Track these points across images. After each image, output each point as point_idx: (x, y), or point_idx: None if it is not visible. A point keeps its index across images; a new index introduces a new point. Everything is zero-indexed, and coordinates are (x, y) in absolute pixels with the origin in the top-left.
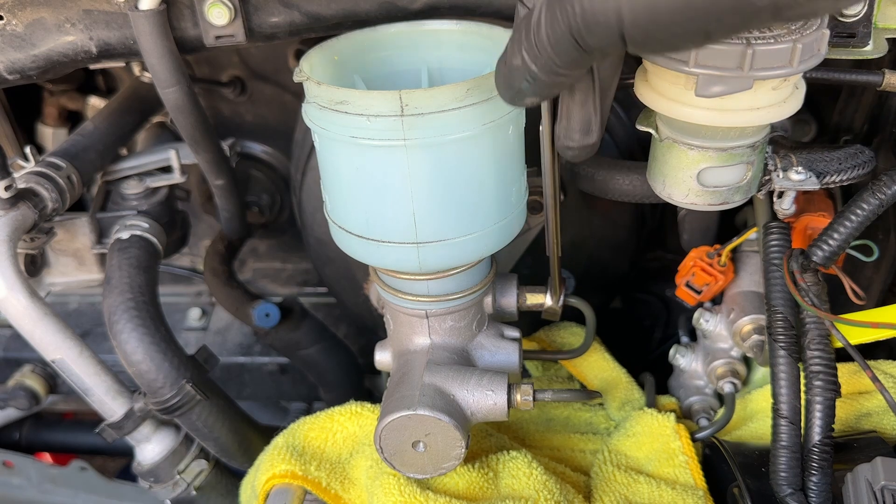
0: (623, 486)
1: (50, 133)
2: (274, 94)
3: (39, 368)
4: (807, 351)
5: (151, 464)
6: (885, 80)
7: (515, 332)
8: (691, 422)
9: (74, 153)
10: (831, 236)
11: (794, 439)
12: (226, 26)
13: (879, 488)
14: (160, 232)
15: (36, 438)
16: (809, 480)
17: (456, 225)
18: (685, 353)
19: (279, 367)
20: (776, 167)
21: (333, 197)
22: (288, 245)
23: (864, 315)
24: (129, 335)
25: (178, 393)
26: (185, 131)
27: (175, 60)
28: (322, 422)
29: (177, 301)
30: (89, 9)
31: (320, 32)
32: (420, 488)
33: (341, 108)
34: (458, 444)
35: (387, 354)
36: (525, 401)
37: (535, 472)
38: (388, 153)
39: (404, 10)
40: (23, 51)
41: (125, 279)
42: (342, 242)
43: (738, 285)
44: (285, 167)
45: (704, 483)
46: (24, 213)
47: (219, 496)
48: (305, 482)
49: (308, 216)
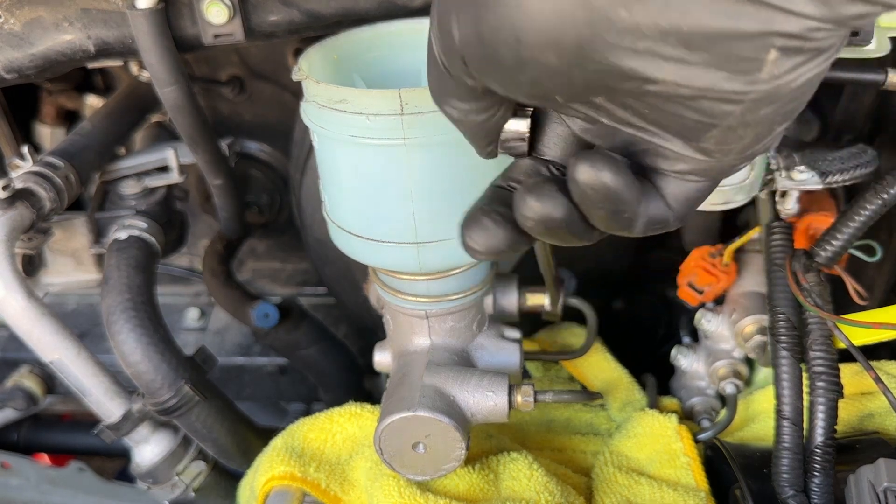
0: (624, 487)
1: (48, 132)
2: (273, 93)
3: (37, 369)
4: (809, 352)
5: (150, 465)
6: (887, 78)
7: (516, 332)
8: (693, 423)
9: (72, 153)
10: (834, 236)
11: (796, 440)
12: (224, 25)
13: (882, 490)
14: (158, 232)
15: (34, 439)
16: (812, 482)
17: (456, 225)
18: (687, 354)
19: (278, 367)
20: (779, 167)
21: (332, 197)
22: (287, 245)
23: (866, 315)
24: (128, 336)
25: (176, 394)
26: (183, 131)
27: (173, 59)
28: (321, 423)
29: (175, 301)
30: (87, 7)
31: (319, 31)
32: (420, 490)
33: (340, 107)
34: (459, 445)
35: (386, 355)
36: (526, 402)
37: (536, 473)
38: (387, 152)
39: (404, 7)
40: (20, 50)
41: (123, 279)
42: (341, 243)
43: (741, 285)
44: (285, 167)
45: (707, 484)
46: (22, 213)
47: (218, 497)
48: (304, 484)
49: (307, 216)
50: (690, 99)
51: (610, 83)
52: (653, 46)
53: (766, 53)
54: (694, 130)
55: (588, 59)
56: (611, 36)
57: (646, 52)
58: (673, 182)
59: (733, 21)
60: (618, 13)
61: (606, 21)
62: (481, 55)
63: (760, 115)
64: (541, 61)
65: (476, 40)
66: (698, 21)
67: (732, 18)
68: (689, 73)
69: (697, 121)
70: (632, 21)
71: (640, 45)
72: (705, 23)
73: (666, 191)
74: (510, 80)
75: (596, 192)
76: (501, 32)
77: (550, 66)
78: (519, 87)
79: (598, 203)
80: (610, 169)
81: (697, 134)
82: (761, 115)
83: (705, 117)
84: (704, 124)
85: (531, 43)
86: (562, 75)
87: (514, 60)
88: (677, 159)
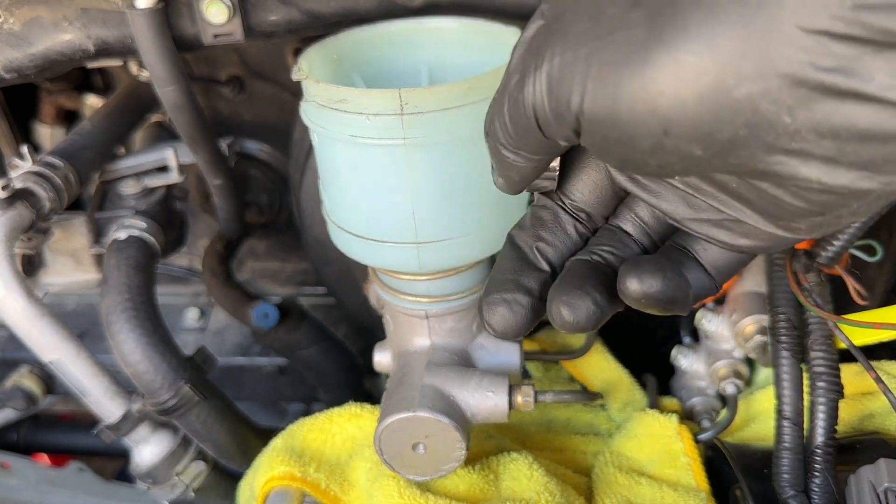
0: (625, 487)
1: (47, 132)
2: (273, 92)
3: (37, 369)
4: (810, 352)
5: (149, 465)
6: None
7: None
8: (693, 423)
9: (72, 153)
10: (835, 236)
11: (796, 441)
12: (224, 24)
13: (883, 490)
14: (158, 232)
15: (34, 439)
16: (812, 482)
17: (456, 225)
18: (687, 354)
19: (278, 367)
20: None
21: (332, 196)
22: (287, 245)
23: (867, 315)
24: (127, 336)
25: (176, 394)
26: (183, 130)
27: (173, 59)
28: (321, 423)
29: (175, 301)
30: (87, 7)
31: (319, 30)
32: (420, 490)
33: (340, 106)
34: (459, 445)
35: (386, 355)
36: (526, 402)
37: (536, 473)
38: (387, 152)
39: (404, 7)
40: (20, 49)
41: (123, 279)
42: (341, 242)
43: (741, 285)
44: (284, 167)
45: (707, 485)
46: (22, 213)
47: (217, 498)
48: (304, 484)
49: (307, 216)
50: (814, 192)
51: (746, 174)
52: (806, 148)
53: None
54: (792, 214)
55: (735, 154)
56: (769, 138)
57: (797, 152)
58: (716, 251)
59: (890, 123)
60: (782, 119)
61: (768, 125)
62: (606, 136)
63: (872, 206)
64: (684, 150)
65: (608, 121)
66: (856, 125)
67: (890, 121)
68: (832, 173)
69: (805, 209)
70: (794, 127)
71: (794, 146)
72: (864, 127)
73: (705, 258)
74: (633, 162)
75: (647, 300)
76: (647, 116)
77: (692, 157)
78: (639, 168)
79: (650, 307)
80: (658, 280)
81: (794, 217)
82: (871, 207)
83: (817, 206)
84: (810, 212)
85: (680, 135)
86: (700, 165)
87: (652, 147)
88: (744, 234)
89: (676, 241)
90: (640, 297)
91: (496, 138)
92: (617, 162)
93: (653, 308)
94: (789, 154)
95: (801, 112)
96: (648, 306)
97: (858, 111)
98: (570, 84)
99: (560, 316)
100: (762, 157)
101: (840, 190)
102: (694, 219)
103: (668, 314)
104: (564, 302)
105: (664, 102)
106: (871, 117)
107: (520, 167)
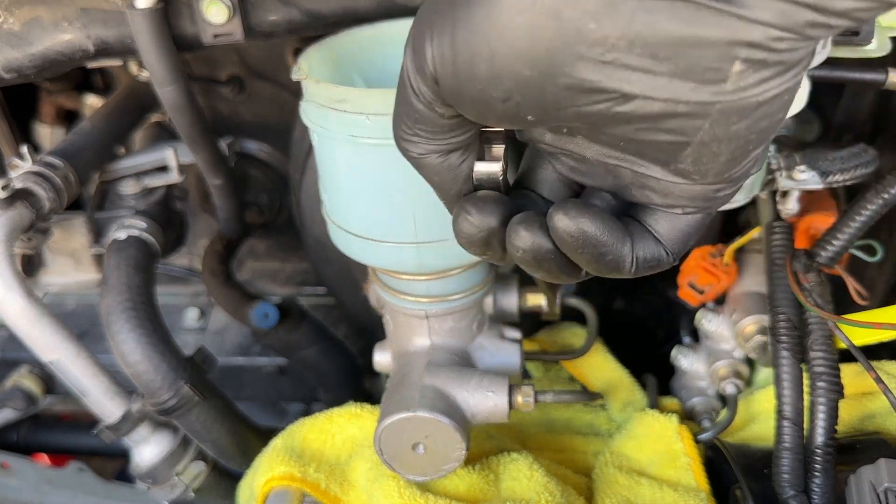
0: (625, 487)
1: (47, 132)
2: (273, 92)
3: (37, 369)
4: (810, 352)
5: (149, 465)
6: (888, 78)
7: (516, 332)
8: (694, 423)
9: (72, 153)
10: (835, 236)
11: (796, 441)
12: (224, 24)
13: (883, 490)
14: (158, 232)
15: (34, 440)
16: (812, 482)
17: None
18: (687, 354)
19: (278, 367)
20: (780, 166)
21: (332, 196)
22: (287, 245)
23: (867, 315)
24: (127, 336)
25: (175, 394)
26: (182, 130)
27: (173, 59)
28: (321, 423)
29: (175, 301)
30: (86, 7)
31: (319, 30)
32: (420, 490)
33: (340, 106)
34: (459, 445)
35: (386, 355)
36: (526, 402)
37: (537, 473)
38: (387, 152)
39: (404, 7)
40: (20, 49)
41: (122, 279)
42: (341, 243)
43: (741, 285)
44: (284, 166)
45: (707, 485)
46: (21, 212)
47: (217, 498)
48: (304, 484)
49: (307, 216)
50: (660, 117)
51: (580, 100)
52: (620, 57)
53: (730, 64)
54: (669, 152)
55: (558, 71)
56: (580, 47)
57: (613, 63)
58: (663, 218)
59: (696, 28)
60: (587, 25)
61: (576, 33)
62: (455, 72)
63: (732, 130)
64: (514, 72)
65: (451, 57)
66: (663, 29)
67: (695, 26)
68: (655, 84)
69: (670, 141)
70: (600, 32)
71: (609, 57)
72: (670, 31)
73: (656, 228)
74: (482, 98)
75: (575, 238)
76: (476, 46)
77: (522, 77)
78: (491, 106)
79: (579, 249)
80: (586, 215)
81: (673, 155)
82: (733, 131)
83: (677, 135)
84: (678, 143)
85: (505, 55)
86: (533, 88)
87: (488, 74)
88: (661, 190)
89: (628, 212)
90: (568, 231)
91: (400, 136)
92: (472, 108)
93: (588, 255)
94: (607, 66)
95: (606, 19)
96: (576, 248)
97: (656, 15)
98: (423, 39)
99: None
100: (583, 72)
101: (676, 106)
102: (621, 186)
103: (614, 275)
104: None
105: (486, 27)
106: (670, 23)
107: (433, 166)
